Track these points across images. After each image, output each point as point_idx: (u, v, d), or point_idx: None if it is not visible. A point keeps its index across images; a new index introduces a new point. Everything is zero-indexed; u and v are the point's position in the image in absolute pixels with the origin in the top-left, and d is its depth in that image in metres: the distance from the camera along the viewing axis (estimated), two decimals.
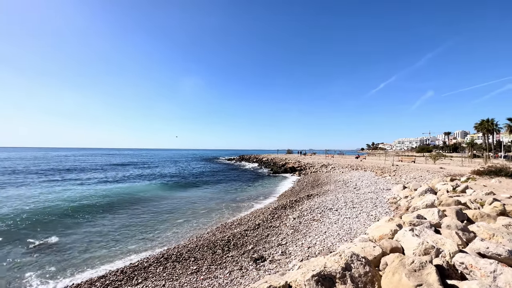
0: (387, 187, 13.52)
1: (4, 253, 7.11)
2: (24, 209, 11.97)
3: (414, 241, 3.71)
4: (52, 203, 13.25)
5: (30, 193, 15.92)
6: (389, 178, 17.46)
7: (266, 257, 6.21)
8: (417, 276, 2.67)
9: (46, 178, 23.58)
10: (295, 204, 11.77)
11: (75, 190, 17.77)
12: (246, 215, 10.92)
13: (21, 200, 13.87)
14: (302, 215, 9.19)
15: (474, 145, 69.24)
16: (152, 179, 24.73)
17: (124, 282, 5.12)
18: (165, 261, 6.05)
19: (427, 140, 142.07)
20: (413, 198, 8.96)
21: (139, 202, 14.04)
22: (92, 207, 12.54)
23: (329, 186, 16.51)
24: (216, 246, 6.94)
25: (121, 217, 11.06)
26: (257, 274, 5.39)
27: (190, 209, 12.67)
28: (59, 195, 15.56)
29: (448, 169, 20.18)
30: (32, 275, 5.86)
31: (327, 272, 3.00)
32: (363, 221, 7.76)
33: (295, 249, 6.30)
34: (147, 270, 5.61)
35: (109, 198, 14.92)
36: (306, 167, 32.06)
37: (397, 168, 22.16)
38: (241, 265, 5.86)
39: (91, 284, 5.05)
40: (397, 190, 10.98)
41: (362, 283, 2.91)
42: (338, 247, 5.80)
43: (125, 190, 17.92)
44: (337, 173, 24.17)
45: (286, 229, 8.08)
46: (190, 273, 5.53)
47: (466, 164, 26.71)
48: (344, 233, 6.72)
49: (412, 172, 18.72)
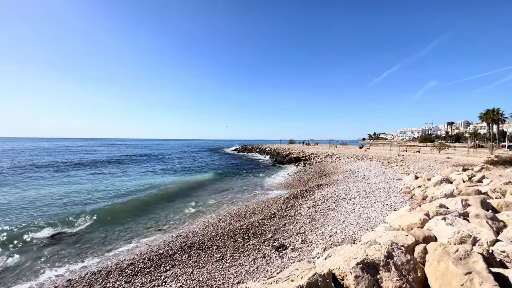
0: (397, 177, 13.57)
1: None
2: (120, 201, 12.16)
3: (449, 230, 3.74)
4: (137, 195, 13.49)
5: (103, 187, 15.89)
6: (397, 168, 17.51)
7: (287, 245, 6.31)
8: (464, 264, 2.70)
9: (98, 171, 23.27)
10: (306, 193, 11.86)
11: (140, 181, 17.89)
12: (258, 205, 11.02)
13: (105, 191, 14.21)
14: (317, 205, 9.27)
15: (477, 135, 69.10)
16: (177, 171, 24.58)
17: (153, 269, 5.23)
18: (188, 249, 6.16)
19: (429, 130, 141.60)
20: (427, 188, 9.00)
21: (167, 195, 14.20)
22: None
23: (337, 176, 16.58)
24: (236, 234, 7.04)
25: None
26: (281, 261, 5.49)
27: (201, 199, 12.82)
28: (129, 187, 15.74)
29: (455, 159, 20.19)
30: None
31: (370, 260, 3.04)
32: (379, 210, 7.83)
33: (315, 238, 6.39)
34: (173, 258, 5.73)
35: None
36: (310, 157, 32.12)
37: (403, 158, 22.16)
38: (264, 253, 5.97)
39: (121, 270, 5.16)
40: (409, 179, 11.02)
41: (405, 270, 2.96)
42: (360, 236, 5.88)
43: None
44: (342, 163, 24.22)
45: (302, 218, 8.17)
46: (215, 260, 5.65)
47: (471, 154, 26.71)
48: (363, 222, 6.80)
49: (419, 162, 18.73)
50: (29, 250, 6.88)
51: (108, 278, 4.91)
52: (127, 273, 5.05)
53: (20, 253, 6.66)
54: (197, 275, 4.97)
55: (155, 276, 4.94)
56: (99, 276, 5.07)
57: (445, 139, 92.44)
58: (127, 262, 5.53)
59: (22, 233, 7.88)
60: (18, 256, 6.51)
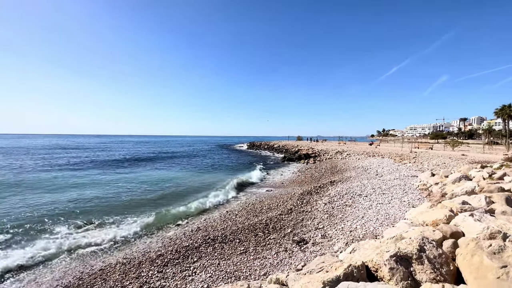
0: (411, 174, 13.47)
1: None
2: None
3: (478, 226, 3.79)
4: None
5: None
6: (410, 165, 17.33)
7: (307, 239, 6.46)
8: (498, 258, 2.78)
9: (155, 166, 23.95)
10: (320, 190, 11.95)
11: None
12: (273, 200, 11.20)
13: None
14: (333, 201, 9.37)
15: (491, 132, 67.15)
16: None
17: (182, 260, 5.48)
18: (212, 242, 6.39)
19: (440, 126, 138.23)
20: (445, 185, 8.95)
21: None
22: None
23: (349, 173, 16.57)
24: (257, 229, 7.24)
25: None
26: (304, 255, 5.65)
27: (216, 194, 13.09)
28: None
29: (471, 156, 19.79)
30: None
31: (403, 253, 3.15)
32: (397, 207, 7.87)
33: (335, 233, 6.51)
34: (199, 250, 5.97)
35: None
36: (320, 153, 32.05)
37: (416, 155, 21.87)
38: (285, 247, 6.14)
39: (152, 261, 5.43)
40: (425, 176, 10.95)
41: (438, 264, 3.05)
42: (381, 231, 5.96)
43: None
44: (353, 160, 24.10)
45: (320, 214, 8.29)
46: (239, 253, 5.85)
47: (487, 151, 26.09)
48: (382, 218, 6.87)
49: (434, 159, 18.47)
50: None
51: (141, 268, 5.18)
52: (158, 264, 5.31)
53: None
54: (224, 267, 5.18)
55: (185, 267, 5.19)
56: (131, 265, 5.35)
57: (457, 136, 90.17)
58: (156, 253, 5.80)
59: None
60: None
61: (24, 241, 7.09)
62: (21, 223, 8.36)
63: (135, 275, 4.91)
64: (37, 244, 6.79)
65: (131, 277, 4.86)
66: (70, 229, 8.04)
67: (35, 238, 7.29)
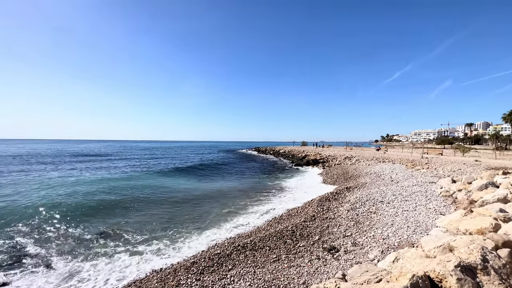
0: (429, 180, 13.32)
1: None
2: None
3: None
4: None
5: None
6: (424, 171, 17.15)
7: (337, 247, 6.38)
8: None
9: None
10: (338, 196, 11.86)
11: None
12: (293, 207, 11.15)
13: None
14: (355, 208, 9.27)
15: (499, 137, 66.46)
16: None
17: (216, 268, 5.44)
18: (243, 249, 6.34)
19: (445, 131, 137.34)
20: (470, 192, 8.84)
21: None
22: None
23: (363, 179, 16.44)
24: (284, 236, 7.17)
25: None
26: (339, 263, 5.57)
27: (232, 201, 13.04)
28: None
29: (484, 162, 19.56)
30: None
31: (466, 263, 3.09)
32: (424, 214, 7.77)
33: (366, 241, 6.42)
34: (231, 258, 5.91)
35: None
36: (328, 159, 31.90)
37: (428, 161, 21.68)
38: (317, 255, 6.06)
39: (187, 268, 5.39)
40: (446, 183, 10.83)
41: (504, 274, 2.99)
42: (416, 239, 5.89)
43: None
44: (363, 166, 23.94)
45: (345, 221, 8.20)
46: (272, 261, 5.79)
47: (499, 157, 25.79)
48: (413, 226, 6.78)
49: (447, 165, 18.28)
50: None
51: (177, 275, 5.14)
52: (194, 271, 5.27)
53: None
54: (261, 275, 5.12)
55: (221, 275, 5.14)
56: (167, 273, 5.31)
57: (463, 141, 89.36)
58: (190, 260, 5.76)
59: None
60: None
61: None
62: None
63: (174, 283, 4.87)
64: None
65: (170, 285, 4.83)
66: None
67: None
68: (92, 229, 8.85)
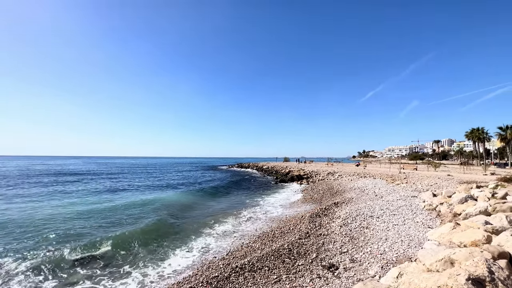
0: (410, 194, 13.95)
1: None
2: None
3: None
4: None
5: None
6: (404, 185, 17.99)
7: (336, 265, 6.33)
8: None
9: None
10: (327, 212, 11.96)
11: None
12: (282, 224, 11.01)
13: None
14: (347, 223, 9.37)
15: (463, 153, 72.35)
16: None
17: None
18: (241, 271, 6.06)
19: (415, 148, 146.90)
20: (451, 205, 9.35)
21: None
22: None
23: (349, 194, 16.83)
24: (282, 255, 6.99)
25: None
26: (340, 281, 5.50)
27: (217, 218, 12.62)
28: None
29: (456, 176, 21.01)
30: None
31: (475, 275, 3.20)
32: (414, 227, 8.03)
33: (363, 257, 6.45)
34: (230, 280, 5.61)
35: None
36: (312, 175, 32.45)
37: (406, 175, 22.83)
38: (318, 273, 5.95)
39: None
40: (427, 197, 11.40)
41: (510, 286, 3.13)
42: (412, 253, 6.02)
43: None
44: (346, 181, 24.61)
45: (338, 237, 8.23)
46: (273, 282, 5.58)
47: (467, 172, 27.88)
48: (407, 240, 6.95)
49: (424, 179, 19.35)
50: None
51: None
52: None
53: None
54: None
55: None
56: None
57: (432, 157, 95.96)
58: (185, 285, 5.37)
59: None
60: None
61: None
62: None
63: None
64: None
65: None
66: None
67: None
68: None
